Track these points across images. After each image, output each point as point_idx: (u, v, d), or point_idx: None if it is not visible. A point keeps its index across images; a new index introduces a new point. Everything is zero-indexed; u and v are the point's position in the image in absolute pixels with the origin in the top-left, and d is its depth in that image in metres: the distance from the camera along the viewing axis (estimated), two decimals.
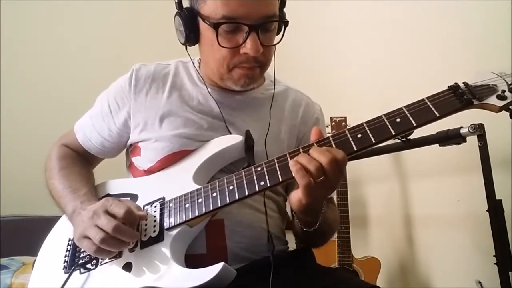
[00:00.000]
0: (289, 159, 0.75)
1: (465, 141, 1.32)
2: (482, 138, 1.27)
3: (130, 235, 0.78)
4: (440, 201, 1.65)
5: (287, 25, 0.91)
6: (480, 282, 1.37)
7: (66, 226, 0.91)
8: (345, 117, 1.74)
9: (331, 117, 1.75)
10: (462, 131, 1.30)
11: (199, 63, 1.01)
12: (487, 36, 1.44)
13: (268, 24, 0.85)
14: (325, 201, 0.84)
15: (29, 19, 2.14)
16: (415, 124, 0.72)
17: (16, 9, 2.09)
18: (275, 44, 0.91)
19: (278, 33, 0.92)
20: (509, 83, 0.70)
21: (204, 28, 0.87)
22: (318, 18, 2.26)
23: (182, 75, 1.00)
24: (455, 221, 1.59)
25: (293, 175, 0.71)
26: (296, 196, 0.74)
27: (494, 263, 1.22)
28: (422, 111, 0.72)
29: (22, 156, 1.95)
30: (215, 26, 0.83)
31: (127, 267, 0.80)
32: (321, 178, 0.70)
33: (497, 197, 1.24)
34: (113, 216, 0.78)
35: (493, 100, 0.70)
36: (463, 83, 0.73)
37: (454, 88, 0.72)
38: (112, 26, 2.37)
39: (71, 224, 0.87)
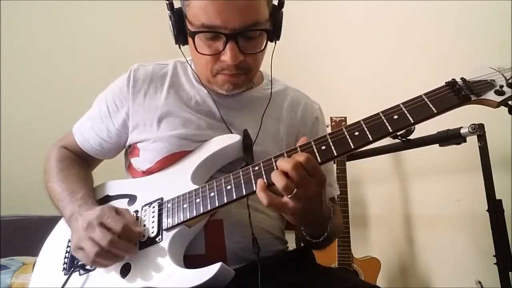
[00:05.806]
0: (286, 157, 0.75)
1: (465, 141, 1.32)
2: (482, 138, 1.27)
3: (125, 250, 0.77)
4: (440, 201, 1.65)
5: (272, 33, 0.88)
6: (480, 282, 1.37)
7: (66, 228, 0.91)
8: (345, 117, 1.74)
9: (331, 117, 1.75)
10: (462, 131, 1.30)
11: None
12: (487, 36, 1.43)
13: (250, 32, 0.83)
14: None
15: (29, 19, 2.13)
16: (412, 121, 0.70)
17: (16, 9, 2.09)
18: (259, 52, 0.88)
19: (271, 38, 0.90)
20: (507, 78, 0.68)
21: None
22: (318, 18, 2.25)
23: (180, 75, 0.99)
24: (455, 221, 1.59)
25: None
26: (286, 216, 0.73)
27: (494, 263, 1.22)
28: (420, 107, 0.70)
29: (22, 156, 1.95)
30: (191, 35, 0.84)
31: (126, 268, 0.80)
32: (294, 192, 0.68)
33: (497, 197, 1.24)
34: (108, 229, 0.77)
35: (491, 95, 0.69)
36: (461, 78, 0.72)
37: (452, 84, 0.71)
38: (111, 26, 2.37)
39: (69, 228, 0.87)
